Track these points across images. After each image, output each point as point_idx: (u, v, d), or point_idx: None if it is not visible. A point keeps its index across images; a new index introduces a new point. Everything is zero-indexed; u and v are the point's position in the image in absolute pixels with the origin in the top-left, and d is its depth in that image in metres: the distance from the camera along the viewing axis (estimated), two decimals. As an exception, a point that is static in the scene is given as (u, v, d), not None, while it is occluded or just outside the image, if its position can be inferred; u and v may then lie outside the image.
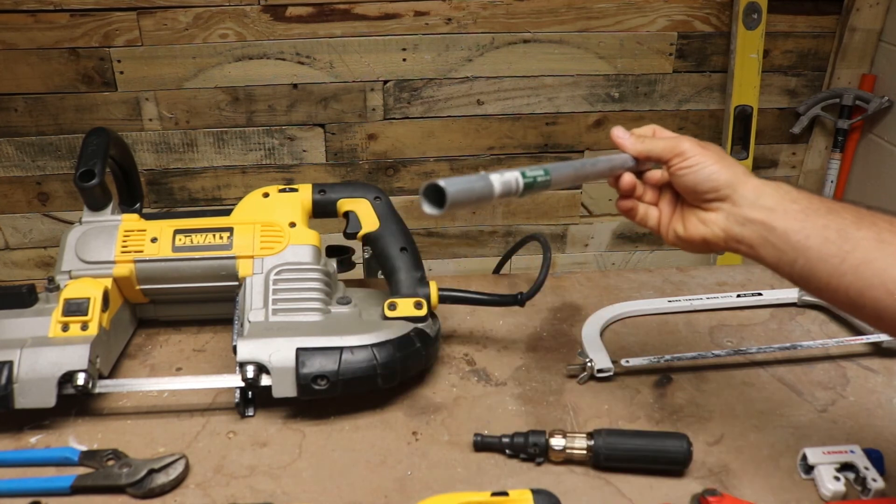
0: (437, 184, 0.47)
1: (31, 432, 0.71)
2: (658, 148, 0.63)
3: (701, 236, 0.62)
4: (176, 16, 1.63)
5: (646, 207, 0.67)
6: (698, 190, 0.61)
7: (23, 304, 0.75)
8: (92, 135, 0.82)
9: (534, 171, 0.54)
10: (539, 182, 0.54)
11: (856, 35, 1.79)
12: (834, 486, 0.63)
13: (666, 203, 0.66)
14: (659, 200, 0.67)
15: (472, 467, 0.67)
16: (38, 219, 1.82)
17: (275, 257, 0.79)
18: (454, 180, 0.48)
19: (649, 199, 0.67)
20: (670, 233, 0.65)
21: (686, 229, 0.63)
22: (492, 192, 0.50)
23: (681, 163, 0.61)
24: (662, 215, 0.66)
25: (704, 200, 0.61)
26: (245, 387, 0.71)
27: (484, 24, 1.71)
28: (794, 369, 0.81)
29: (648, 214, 0.67)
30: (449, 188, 0.47)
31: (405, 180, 1.88)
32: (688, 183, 0.62)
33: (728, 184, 0.60)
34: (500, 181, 0.51)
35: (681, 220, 0.64)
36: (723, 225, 0.60)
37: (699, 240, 0.62)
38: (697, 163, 0.61)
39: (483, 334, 0.88)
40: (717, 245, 0.62)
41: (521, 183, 0.53)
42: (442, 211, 0.48)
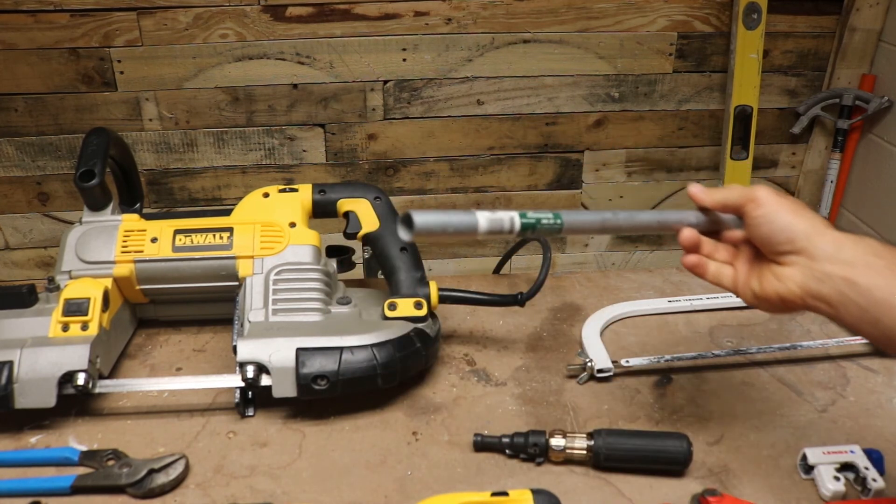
0: (409, 214, 0.48)
1: (31, 432, 0.71)
2: (733, 196, 0.60)
3: (776, 293, 0.57)
4: (176, 16, 1.63)
5: (718, 266, 0.63)
6: (773, 241, 0.57)
7: (23, 304, 0.75)
8: (92, 135, 0.82)
9: (539, 214, 0.53)
10: (545, 225, 0.53)
11: (856, 35, 1.79)
12: (834, 486, 0.63)
13: (742, 261, 0.62)
14: (735, 259, 0.63)
15: (472, 467, 0.67)
16: (38, 219, 1.82)
17: (275, 257, 0.79)
18: (432, 212, 0.49)
19: (723, 257, 0.63)
20: (747, 291, 0.61)
21: (762, 286, 0.59)
22: (475, 228, 0.50)
23: (755, 210, 0.58)
24: (739, 274, 0.62)
25: (780, 253, 0.57)
26: (245, 387, 0.71)
27: (484, 24, 1.71)
28: (794, 369, 0.81)
29: (722, 273, 0.62)
30: (418, 218, 0.48)
31: (405, 180, 1.88)
32: (762, 233, 0.58)
33: (805, 235, 0.56)
34: (487, 218, 0.51)
35: (758, 278, 0.60)
36: (799, 280, 0.56)
37: (775, 298, 0.58)
38: (772, 211, 0.57)
39: (483, 334, 0.88)
40: (793, 303, 0.57)
41: (517, 223, 0.52)
42: (411, 234, 0.48)
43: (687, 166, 1.94)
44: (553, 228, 0.54)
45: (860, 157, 1.87)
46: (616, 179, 1.94)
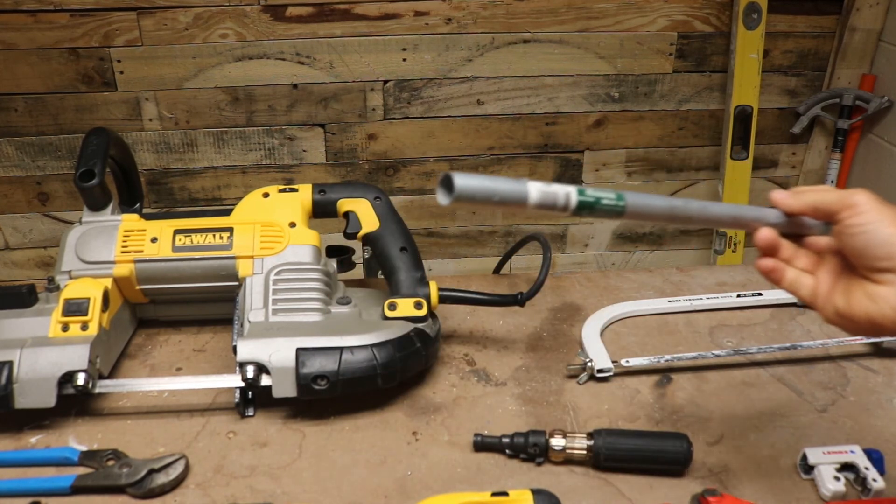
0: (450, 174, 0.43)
1: (31, 432, 0.71)
2: (827, 199, 0.53)
3: (866, 315, 0.51)
4: (176, 16, 1.63)
5: (797, 274, 0.56)
6: (870, 255, 0.51)
7: (23, 304, 0.75)
8: (92, 135, 0.82)
9: (600, 192, 0.48)
10: (605, 206, 0.48)
11: (856, 35, 1.79)
12: (834, 486, 0.63)
13: (826, 272, 0.55)
14: (818, 268, 0.56)
15: (472, 467, 0.67)
16: (38, 219, 1.82)
17: (275, 257, 0.79)
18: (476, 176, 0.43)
19: (803, 264, 0.56)
20: (829, 307, 0.54)
21: (849, 305, 0.52)
22: (524, 199, 0.44)
23: (851, 218, 0.52)
24: (820, 286, 0.55)
25: (876, 270, 0.51)
26: (245, 387, 0.71)
27: (484, 24, 1.71)
28: (794, 369, 0.81)
29: (800, 282, 0.56)
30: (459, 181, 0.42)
31: (405, 180, 1.88)
32: (857, 245, 0.51)
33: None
34: (540, 190, 0.45)
35: (844, 294, 0.53)
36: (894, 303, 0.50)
37: (864, 319, 0.51)
38: (872, 220, 0.51)
39: (483, 334, 0.88)
40: (885, 328, 0.51)
41: (573, 199, 0.46)
42: (450, 199, 0.43)
43: (687, 166, 1.94)
44: (613, 210, 0.49)
45: (860, 157, 1.87)
46: (616, 179, 1.94)
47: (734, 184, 1.88)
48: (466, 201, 0.43)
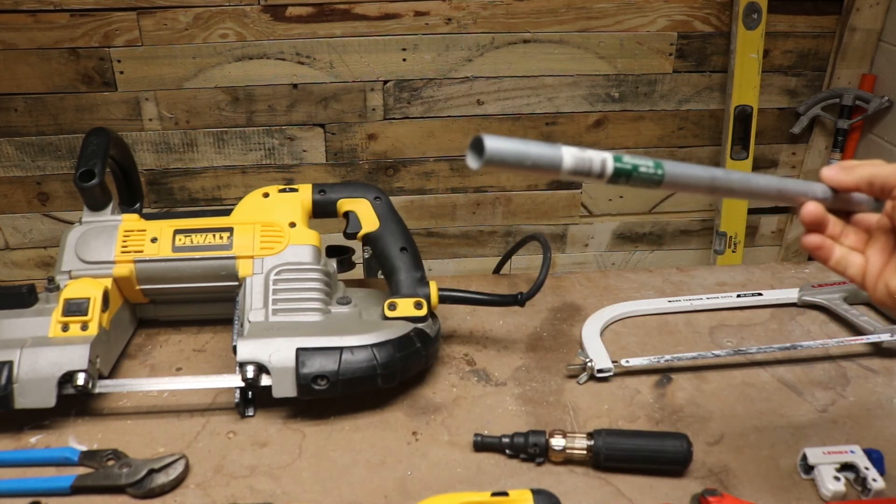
0: (481, 137, 0.40)
1: (31, 432, 0.71)
2: (883, 173, 0.50)
3: None
4: (176, 16, 1.63)
5: (845, 252, 0.53)
6: None
7: (23, 304, 0.75)
8: (92, 135, 0.82)
9: (637, 160, 0.45)
10: (642, 174, 0.45)
11: (856, 35, 1.79)
12: (834, 486, 0.63)
13: (877, 250, 0.52)
14: (868, 246, 0.53)
15: (472, 467, 0.67)
16: (38, 219, 1.82)
17: (275, 257, 0.79)
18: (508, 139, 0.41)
19: (851, 242, 0.54)
20: (879, 286, 0.52)
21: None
22: (558, 164, 0.42)
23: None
24: (871, 265, 0.52)
25: None
26: (245, 387, 0.71)
27: (484, 24, 1.71)
28: (794, 369, 0.81)
29: (848, 260, 0.53)
30: (490, 143, 0.40)
31: (405, 180, 1.88)
32: None
33: None
34: (574, 155, 0.42)
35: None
36: None
37: None
38: None
39: (483, 334, 0.88)
40: None
41: (609, 166, 0.44)
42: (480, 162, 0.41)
43: (687, 166, 1.94)
44: (651, 179, 0.46)
45: (860, 157, 1.87)
46: (616, 179, 1.94)
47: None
48: (497, 165, 0.41)
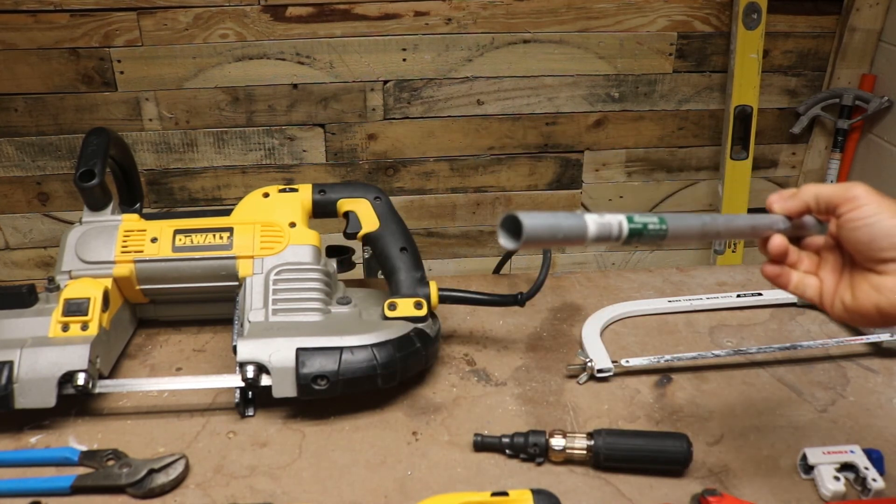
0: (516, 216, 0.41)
1: (31, 432, 0.71)
2: (826, 192, 0.53)
3: (874, 305, 0.52)
4: (176, 16, 1.63)
5: (802, 276, 0.57)
6: (873, 247, 0.51)
7: (23, 304, 0.75)
8: (92, 135, 0.82)
9: (645, 218, 0.47)
10: (651, 231, 0.47)
11: (856, 35, 1.79)
12: (834, 486, 0.63)
13: (828, 271, 0.56)
14: (819, 268, 0.57)
15: (472, 467, 0.67)
16: (38, 219, 1.82)
17: (275, 257, 0.79)
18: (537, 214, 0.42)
19: (806, 266, 0.57)
20: (836, 305, 0.55)
21: (855, 298, 0.53)
22: (584, 234, 0.43)
23: (852, 211, 0.52)
24: (825, 285, 0.56)
25: (879, 261, 0.51)
26: (245, 387, 0.71)
27: (484, 24, 1.71)
28: (794, 369, 0.81)
29: (806, 284, 0.57)
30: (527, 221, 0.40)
31: (405, 180, 1.88)
32: (860, 238, 0.52)
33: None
34: (596, 222, 0.44)
35: (849, 288, 0.54)
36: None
37: (871, 310, 0.52)
38: (873, 213, 0.51)
39: (483, 334, 0.88)
40: (893, 316, 0.52)
41: (625, 228, 0.45)
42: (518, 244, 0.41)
43: (687, 166, 1.94)
44: (659, 235, 0.48)
45: (860, 157, 1.87)
46: (616, 179, 1.94)
47: (734, 184, 1.88)
48: (533, 244, 0.41)
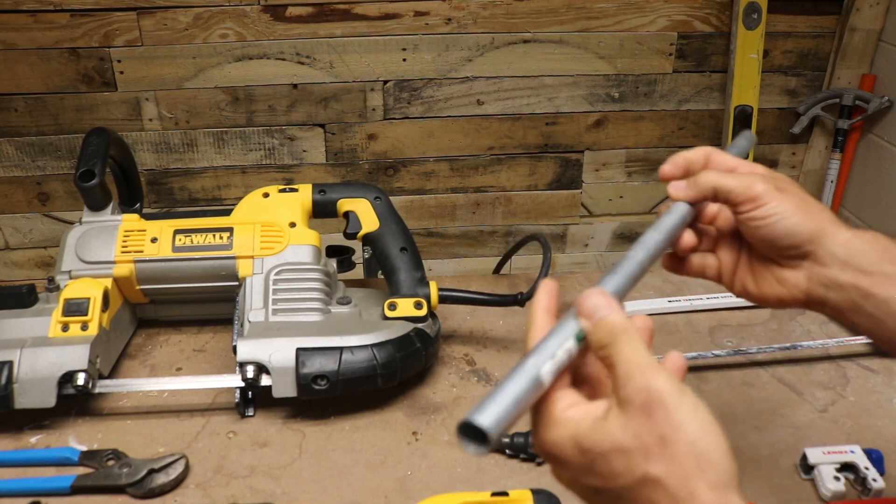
0: (471, 422, 0.36)
1: (31, 432, 0.71)
2: (727, 186, 0.50)
3: (776, 296, 0.52)
4: (176, 16, 1.63)
5: (701, 257, 0.55)
6: (775, 245, 0.50)
7: (23, 304, 0.75)
8: (92, 135, 0.82)
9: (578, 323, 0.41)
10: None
11: (856, 35, 1.79)
12: (834, 486, 0.63)
13: (726, 251, 0.54)
14: (717, 246, 0.55)
15: (472, 467, 0.67)
16: (38, 219, 1.82)
17: (275, 257, 0.79)
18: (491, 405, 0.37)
19: (704, 245, 0.55)
20: (737, 284, 0.54)
21: (758, 286, 0.53)
22: (544, 387, 0.39)
23: (754, 210, 0.50)
24: (723, 265, 0.54)
25: (782, 256, 0.51)
26: (245, 387, 0.71)
27: (484, 24, 1.71)
28: (794, 369, 0.81)
29: (705, 264, 0.55)
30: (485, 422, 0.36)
31: (405, 180, 1.88)
32: (762, 236, 0.50)
33: (811, 238, 0.49)
34: (549, 371, 0.39)
35: (751, 275, 0.53)
36: (804, 286, 0.50)
37: (773, 299, 0.52)
38: (775, 212, 0.49)
39: (483, 334, 0.88)
40: (795, 305, 0.52)
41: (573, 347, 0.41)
42: (487, 448, 0.36)
43: (687, 166, 1.94)
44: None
45: (860, 157, 1.87)
46: (616, 179, 1.94)
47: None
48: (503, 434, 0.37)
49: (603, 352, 0.40)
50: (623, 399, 0.38)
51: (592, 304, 0.41)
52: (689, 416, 0.37)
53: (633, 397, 0.37)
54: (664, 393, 0.37)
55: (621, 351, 0.39)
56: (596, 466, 0.38)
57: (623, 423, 0.37)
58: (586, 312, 0.41)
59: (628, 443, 0.36)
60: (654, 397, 0.37)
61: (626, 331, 0.40)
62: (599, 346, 0.40)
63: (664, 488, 0.36)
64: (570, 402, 0.40)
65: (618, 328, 0.40)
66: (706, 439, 0.37)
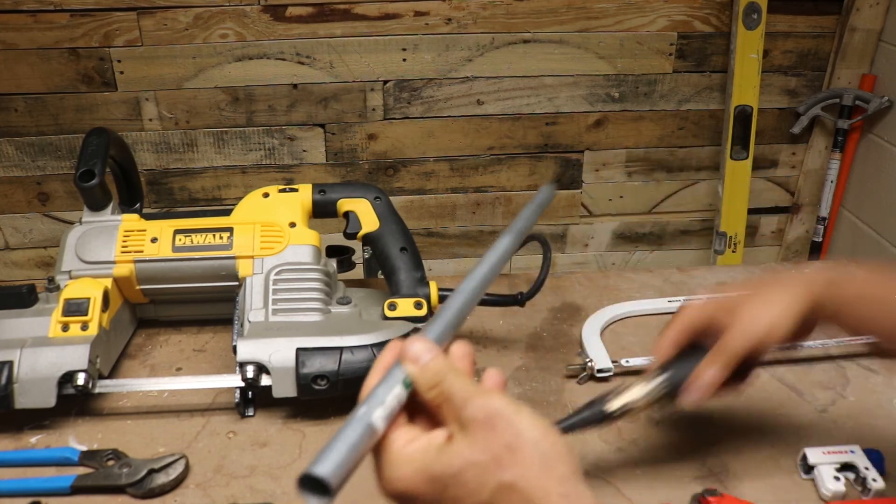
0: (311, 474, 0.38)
1: (31, 432, 0.71)
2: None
3: None
4: (176, 16, 1.63)
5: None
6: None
7: (23, 304, 0.75)
8: (92, 135, 0.82)
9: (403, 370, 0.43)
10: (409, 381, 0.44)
11: (856, 35, 1.79)
12: (834, 486, 0.63)
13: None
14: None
15: (472, 467, 0.67)
16: (38, 219, 1.82)
17: (275, 257, 0.79)
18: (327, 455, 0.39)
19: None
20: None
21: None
22: (379, 433, 0.41)
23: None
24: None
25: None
26: (245, 387, 0.71)
27: (484, 24, 1.71)
28: (794, 369, 0.81)
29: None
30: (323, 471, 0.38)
31: (405, 180, 1.88)
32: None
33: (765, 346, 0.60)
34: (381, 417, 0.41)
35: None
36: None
37: None
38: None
39: (483, 334, 0.88)
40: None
41: (402, 393, 0.42)
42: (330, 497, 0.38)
43: (687, 166, 1.94)
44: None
45: (860, 157, 1.87)
46: (616, 179, 1.94)
47: (734, 184, 1.88)
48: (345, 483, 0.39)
49: (433, 391, 0.42)
50: (465, 420, 0.40)
51: (416, 351, 0.43)
52: (528, 423, 0.40)
53: (475, 416, 0.40)
54: (502, 407, 0.40)
55: (453, 384, 0.42)
56: (450, 490, 0.39)
57: (469, 441, 0.39)
58: (411, 359, 0.43)
59: (479, 457, 0.39)
60: (494, 412, 0.40)
61: (453, 369, 0.43)
62: (429, 387, 0.42)
63: (519, 491, 0.38)
64: (408, 438, 0.42)
65: (444, 369, 0.42)
66: (547, 440, 0.39)
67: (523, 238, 0.58)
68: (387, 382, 0.43)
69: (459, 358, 0.46)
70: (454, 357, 0.46)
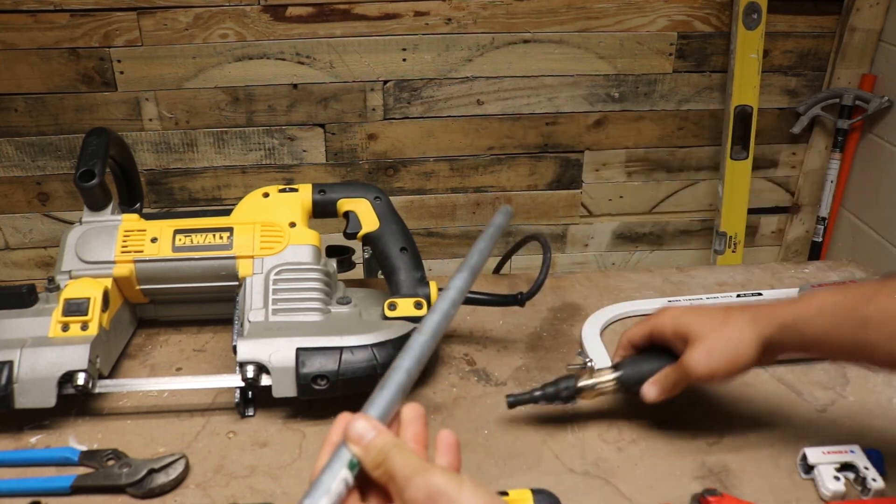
0: None
1: (31, 432, 0.71)
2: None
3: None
4: (176, 16, 1.63)
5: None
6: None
7: (23, 304, 0.75)
8: (92, 135, 0.83)
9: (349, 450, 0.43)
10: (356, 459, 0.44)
11: (856, 35, 1.79)
12: (834, 486, 0.63)
13: None
14: None
15: (472, 467, 0.67)
16: (38, 219, 1.82)
17: (275, 257, 0.79)
18: None
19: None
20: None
21: None
22: None
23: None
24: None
25: None
26: (245, 387, 0.71)
27: (484, 24, 1.71)
28: (794, 369, 0.81)
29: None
30: None
31: (405, 180, 1.88)
32: None
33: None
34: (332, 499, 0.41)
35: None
36: None
37: None
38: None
39: (483, 334, 0.88)
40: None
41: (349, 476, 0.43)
42: None
43: (687, 166, 1.94)
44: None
45: (860, 157, 1.87)
46: (616, 179, 1.94)
47: (734, 184, 1.88)
48: None
49: (379, 470, 0.42)
50: (408, 501, 0.40)
51: (359, 431, 0.43)
52: (470, 495, 0.40)
53: (415, 497, 0.40)
54: (442, 483, 0.40)
55: (395, 462, 0.42)
56: None
57: None
58: (354, 439, 0.43)
59: None
60: (434, 491, 0.40)
61: (396, 445, 0.43)
62: (374, 465, 0.42)
63: None
64: None
65: (388, 446, 0.43)
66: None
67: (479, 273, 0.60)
68: (332, 467, 0.43)
69: (410, 421, 0.45)
70: (404, 422, 0.46)
